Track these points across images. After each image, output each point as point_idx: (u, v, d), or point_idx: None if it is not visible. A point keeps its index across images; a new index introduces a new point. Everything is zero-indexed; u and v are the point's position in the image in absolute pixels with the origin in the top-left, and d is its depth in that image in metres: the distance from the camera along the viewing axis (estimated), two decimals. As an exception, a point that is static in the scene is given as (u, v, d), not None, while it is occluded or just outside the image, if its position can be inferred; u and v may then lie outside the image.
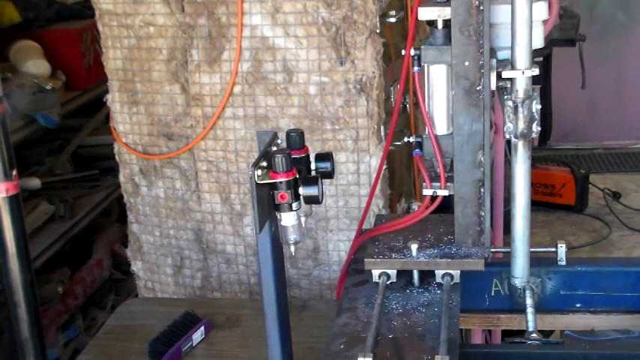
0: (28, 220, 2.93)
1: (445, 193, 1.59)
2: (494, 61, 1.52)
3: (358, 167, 2.27)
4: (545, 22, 1.61)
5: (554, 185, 3.63)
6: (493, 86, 1.53)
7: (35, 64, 3.38)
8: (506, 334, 2.45)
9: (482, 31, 1.49)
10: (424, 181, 1.59)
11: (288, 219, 1.36)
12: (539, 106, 1.52)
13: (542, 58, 3.63)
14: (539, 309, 1.70)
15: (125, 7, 2.34)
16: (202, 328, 1.89)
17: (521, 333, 1.64)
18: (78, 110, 3.71)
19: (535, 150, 3.81)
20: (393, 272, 1.62)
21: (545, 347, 1.56)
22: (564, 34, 3.50)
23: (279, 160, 1.32)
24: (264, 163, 1.33)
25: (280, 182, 1.32)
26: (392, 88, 2.32)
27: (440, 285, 1.60)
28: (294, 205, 1.35)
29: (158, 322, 1.90)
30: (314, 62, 2.21)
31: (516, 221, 1.60)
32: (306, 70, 2.22)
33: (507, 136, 1.54)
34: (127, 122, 2.47)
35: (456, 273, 1.60)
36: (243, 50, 2.24)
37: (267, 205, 1.34)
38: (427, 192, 1.59)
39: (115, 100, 2.47)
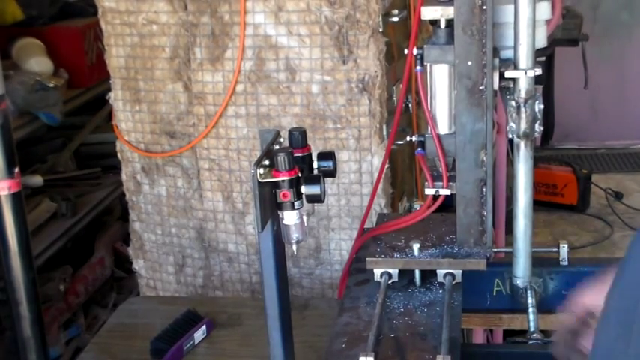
0: (30, 217, 2.93)
1: (447, 192, 1.59)
2: (496, 60, 1.52)
3: (360, 166, 2.27)
4: (548, 21, 1.61)
5: (556, 185, 3.62)
6: (496, 86, 1.53)
7: (38, 62, 3.38)
8: (508, 333, 2.45)
9: (486, 31, 1.49)
10: (426, 181, 1.59)
11: (290, 218, 1.36)
12: (541, 106, 1.52)
13: (545, 57, 3.63)
14: (541, 309, 1.70)
15: (128, 5, 2.34)
16: (204, 326, 1.89)
17: (523, 333, 1.64)
18: (80, 108, 3.72)
19: (537, 150, 3.80)
20: (394, 271, 1.62)
21: (546, 347, 1.56)
22: (567, 33, 3.49)
23: (282, 158, 1.32)
24: (267, 162, 1.33)
25: (282, 181, 1.32)
26: (394, 88, 2.32)
27: (442, 284, 1.60)
28: (297, 204, 1.34)
29: (160, 321, 1.90)
30: (316, 61, 2.21)
31: (518, 221, 1.60)
32: (308, 69, 2.22)
33: (510, 136, 1.55)
34: (129, 120, 2.47)
35: (458, 272, 1.60)
36: (245, 49, 2.24)
37: (269, 204, 1.34)
38: (429, 191, 1.59)
39: (117, 98, 2.47)
